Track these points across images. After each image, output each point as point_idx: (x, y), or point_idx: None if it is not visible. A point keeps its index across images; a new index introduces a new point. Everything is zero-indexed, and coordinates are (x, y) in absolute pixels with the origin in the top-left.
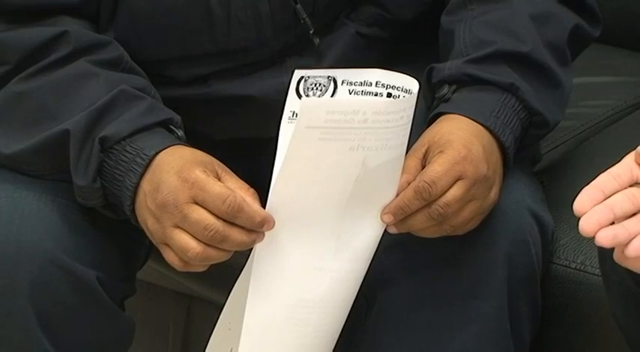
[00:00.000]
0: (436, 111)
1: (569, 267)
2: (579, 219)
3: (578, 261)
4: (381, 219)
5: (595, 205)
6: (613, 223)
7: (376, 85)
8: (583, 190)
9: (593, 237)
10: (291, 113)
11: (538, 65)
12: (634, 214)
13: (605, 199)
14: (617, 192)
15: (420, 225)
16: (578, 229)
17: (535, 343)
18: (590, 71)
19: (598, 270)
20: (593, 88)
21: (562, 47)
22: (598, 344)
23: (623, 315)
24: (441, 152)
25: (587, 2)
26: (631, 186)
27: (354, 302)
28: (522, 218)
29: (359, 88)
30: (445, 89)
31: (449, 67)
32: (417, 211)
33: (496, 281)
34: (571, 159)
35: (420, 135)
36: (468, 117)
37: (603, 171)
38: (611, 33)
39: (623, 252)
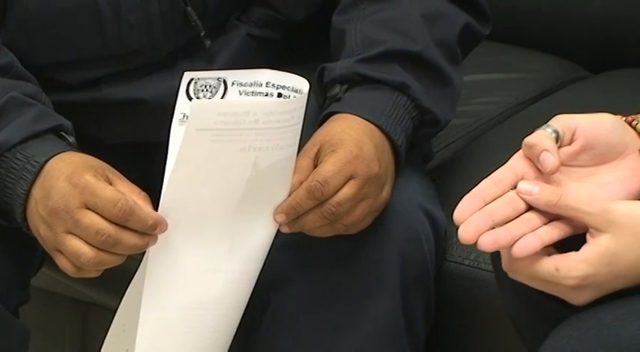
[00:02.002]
0: (328, 110)
1: (463, 264)
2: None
3: (471, 258)
4: (274, 219)
5: (474, 212)
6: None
7: (266, 86)
8: (463, 198)
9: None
10: (182, 115)
11: (429, 64)
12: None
13: (485, 205)
14: (499, 197)
15: (313, 225)
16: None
17: (430, 340)
18: (482, 68)
19: (491, 267)
20: (485, 86)
21: (453, 46)
22: (492, 340)
23: (515, 311)
24: (332, 151)
25: (477, 1)
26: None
27: (249, 303)
28: (414, 216)
29: (249, 89)
30: (337, 89)
31: (340, 66)
32: (310, 210)
33: (389, 280)
34: (463, 157)
35: (312, 134)
36: (359, 116)
37: (495, 169)
38: (502, 30)
39: (511, 262)
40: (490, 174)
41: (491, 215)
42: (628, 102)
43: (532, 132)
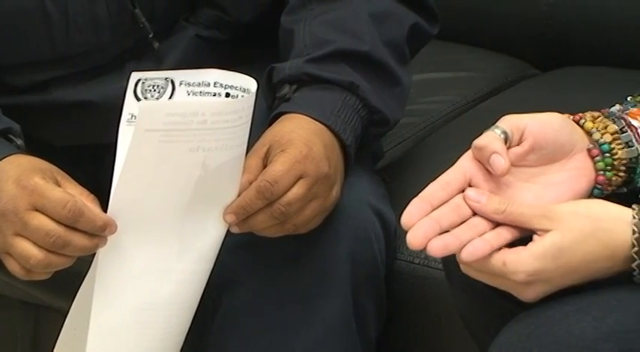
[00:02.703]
0: (277, 110)
1: (413, 263)
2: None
3: (422, 257)
4: (224, 219)
5: (422, 217)
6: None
7: (214, 86)
8: (411, 202)
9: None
10: (130, 116)
11: (377, 64)
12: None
13: (432, 210)
14: (446, 201)
15: (263, 225)
16: None
17: (382, 339)
18: (431, 67)
19: (441, 265)
20: (434, 85)
21: (401, 45)
22: (443, 338)
23: (466, 308)
24: (282, 151)
25: (425, 1)
26: (462, 191)
27: (200, 303)
28: (364, 215)
29: (197, 89)
30: (286, 89)
31: (289, 66)
32: (259, 210)
33: (340, 279)
34: (413, 156)
35: (261, 135)
36: (308, 116)
37: (445, 169)
38: (451, 29)
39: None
40: (439, 174)
41: (439, 221)
42: (576, 99)
43: (481, 134)
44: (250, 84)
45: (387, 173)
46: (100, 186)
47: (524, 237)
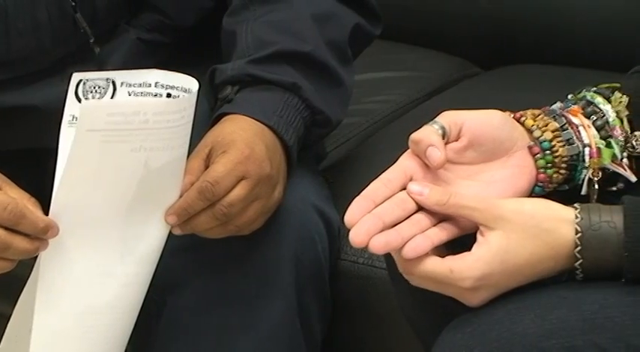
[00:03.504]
0: (219, 112)
1: (357, 263)
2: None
3: (365, 256)
4: (165, 221)
5: (365, 215)
6: None
7: (155, 86)
8: (354, 201)
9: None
10: (71, 117)
11: (320, 64)
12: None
13: (376, 207)
14: (389, 198)
15: (205, 226)
16: None
17: (327, 340)
18: (374, 67)
19: (385, 265)
20: (377, 84)
21: (343, 46)
22: (388, 338)
23: (410, 308)
24: (224, 152)
25: (367, 1)
26: (404, 189)
27: (143, 307)
28: (308, 215)
29: (138, 90)
30: (228, 90)
31: (231, 67)
32: (202, 212)
33: (284, 280)
34: (356, 156)
35: (204, 136)
36: (250, 117)
37: (386, 169)
38: (394, 29)
39: (406, 266)
40: (381, 173)
41: (382, 217)
42: (518, 97)
43: (419, 129)
44: (191, 84)
45: (330, 173)
46: (42, 190)
47: (466, 235)
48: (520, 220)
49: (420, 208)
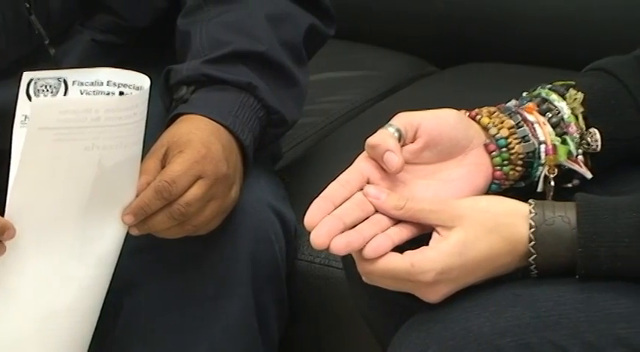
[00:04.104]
0: (175, 112)
1: (314, 263)
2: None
3: (322, 256)
4: (122, 221)
5: (325, 216)
6: None
7: (107, 85)
8: (313, 202)
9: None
10: (23, 117)
11: (274, 64)
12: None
13: (335, 208)
14: (348, 199)
15: (162, 226)
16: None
17: (285, 339)
18: (329, 67)
19: (342, 264)
20: (333, 84)
21: (298, 46)
22: (346, 338)
23: (367, 308)
24: (180, 152)
25: (321, 2)
26: (362, 189)
27: (102, 309)
28: (264, 215)
29: (90, 88)
30: (183, 90)
31: (186, 68)
32: (158, 212)
33: (241, 280)
34: (313, 156)
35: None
36: (206, 116)
37: (344, 169)
38: (349, 28)
39: (365, 265)
40: (339, 173)
41: (342, 218)
42: (474, 96)
43: (374, 132)
44: (143, 81)
45: (287, 173)
46: None
47: (425, 233)
48: (477, 216)
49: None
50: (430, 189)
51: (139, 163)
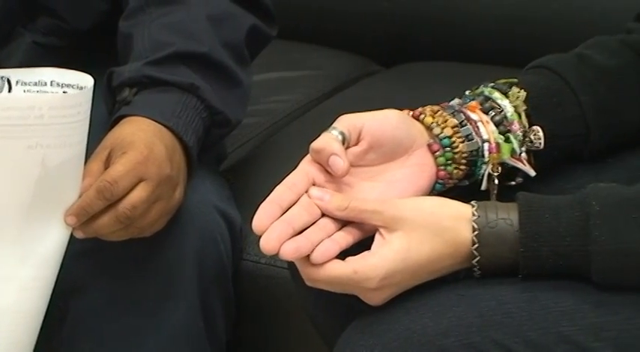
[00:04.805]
0: (118, 114)
1: (260, 263)
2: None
3: (268, 256)
4: (65, 221)
5: (274, 221)
6: None
7: (51, 85)
8: (260, 206)
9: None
10: None
11: (217, 65)
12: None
13: (283, 213)
14: (295, 202)
15: (107, 229)
16: None
17: (232, 340)
18: (273, 67)
19: (287, 264)
20: (277, 84)
21: (240, 47)
22: (292, 338)
23: (313, 307)
24: (123, 153)
25: (262, 3)
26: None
27: (48, 311)
28: (209, 216)
29: (34, 88)
30: (126, 92)
31: (129, 70)
32: (104, 215)
33: (187, 281)
34: (258, 156)
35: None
36: (149, 118)
37: (290, 170)
38: (293, 28)
39: (309, 272)
40: (284, 173)
41: (291, 223)
42: (418, 94)
43: (318, 136)
44: (87, 81)
45: (232, 174)
46: None
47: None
48: (420, 219)
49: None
50: (375, 191)
51: (82, 163)
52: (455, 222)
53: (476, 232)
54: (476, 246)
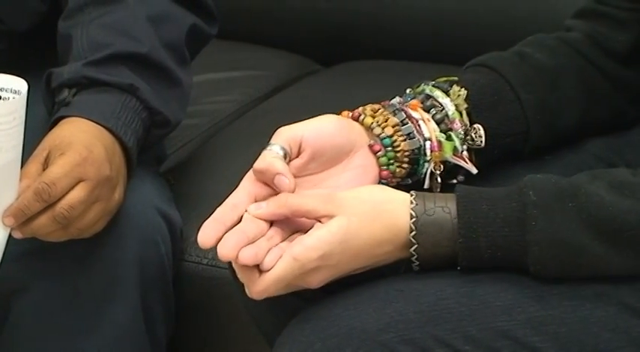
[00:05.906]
0: (57, 115)
1: (201, 264)
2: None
3: (209, 257)
4: (3, 223)
5: (220, 236)
6: None
7: None
8: (204, 224)
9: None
10: None
11: (157, 65)
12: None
13: (227, 230)
14: (237, 222)
15: (45, 229)
16: None
17: (173, 341)
18: (213, 67)
19: (228, 265)
20: (217, 84)
21: (180, 47)
22: (234, 337)
23: (254, 307)
24: (61, 154)
25: (203, 2)
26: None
27: None
28: (149, 217)
29: None
30: (65, 93)
31: (68, 70)
32: (41, 215)
33: (128, 283)
34: (198, 157)
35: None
36: (88, 119)
37: (232, 170)
38: (233, 28)
39: (254, 285)
40: (224, 174)
41: (245, 232)
42: (359, 93)
43: (259, 155)
44: (21, 85)
45: (172, 175)
46: None
47: None
48: (358, 204)
49: (270, 225)
50: None
51: (19, 166)
52: (395, 207)
53: (413, 219)
54: (413, 233)
